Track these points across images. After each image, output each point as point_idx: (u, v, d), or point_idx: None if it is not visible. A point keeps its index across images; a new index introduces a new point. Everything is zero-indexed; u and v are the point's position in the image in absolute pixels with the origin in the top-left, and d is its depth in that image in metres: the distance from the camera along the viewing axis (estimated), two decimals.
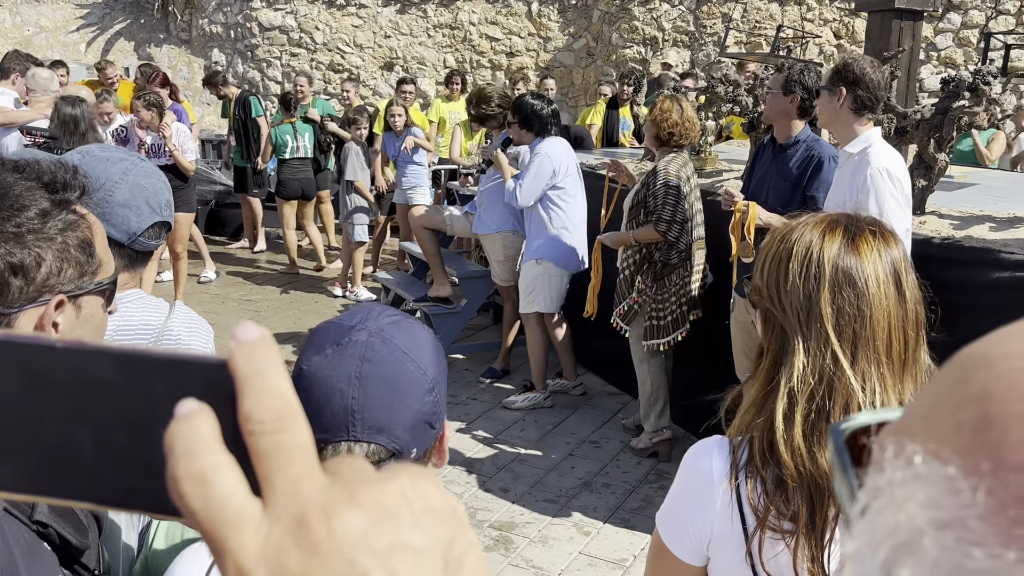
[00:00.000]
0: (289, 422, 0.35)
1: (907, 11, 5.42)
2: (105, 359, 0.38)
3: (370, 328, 1.03)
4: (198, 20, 12.89)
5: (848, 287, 1.21)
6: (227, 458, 0.35)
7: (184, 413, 0.35)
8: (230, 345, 0.36)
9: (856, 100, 3.16)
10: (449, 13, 12.05)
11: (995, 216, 3.98)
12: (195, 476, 0.34)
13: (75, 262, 1.07)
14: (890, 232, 1.27)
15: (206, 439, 0.35)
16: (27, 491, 0.38)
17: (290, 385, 0.36)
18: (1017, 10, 9.63)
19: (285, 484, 0.34)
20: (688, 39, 10.99)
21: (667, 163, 4.41)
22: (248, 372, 0.35)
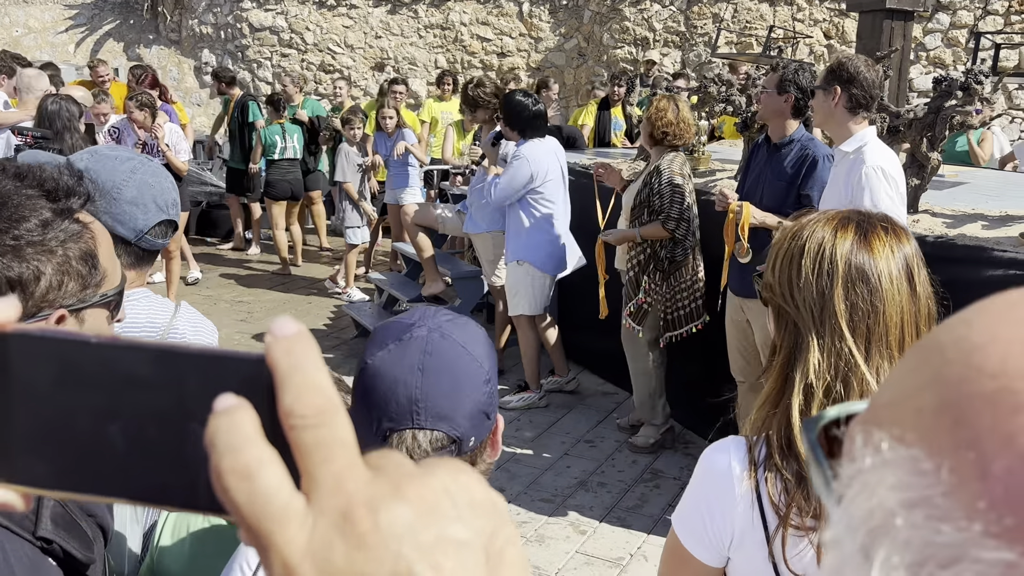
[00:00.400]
0: (331, 416, 0.35)
1: (898, 11, 5.45)
2: (139, 354, 0.38)
3: (429, 325, 1.11)
4: (188, 21, 12.84)
5: (861, 283, 1.21)
6: (271, 453, 0.34)
7: (224, 408, 0.35)
8: (267, 340, 0.36)
9: (851, 99, 3.18)
10: (440, 13, 12.05)
11: (987, 215, 4.01)
12: (240, 471, 0.34)
13: (77, 275, 1.03)
14: (902, 228, 1.27)
15: (248, 433, 0.34)
16: (61, 488, 0.38)
17: (330, 380, 0.36)
18: (1005, 10, 9.69)
19: (329, 478, 0.34)
20: (679, 39, 11.01)
21: (670, 162, 4.44)
22: (287, 367, 0.35)
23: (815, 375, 1.20)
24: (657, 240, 4.45)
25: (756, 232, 3.80)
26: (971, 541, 0.31)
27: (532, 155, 5.01)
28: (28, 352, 0.38)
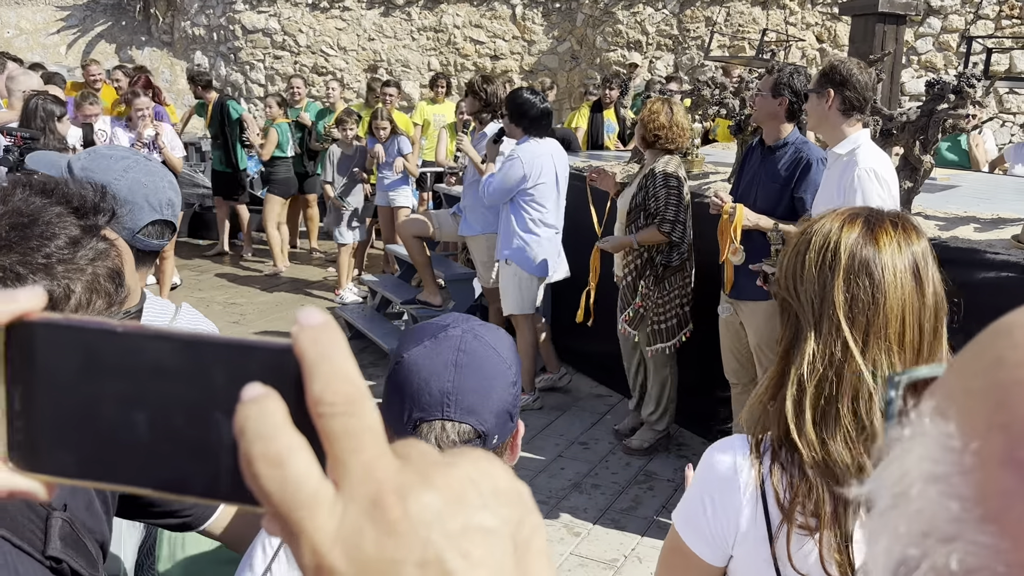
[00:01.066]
0: (359, 405, 0.35)
1: (890, 15, 5.48)
2: (166, 343, 0.38)
3: (463, 327, 1.17)
4: (180, 22, 12.81)
5: (864, 275, 1.21)
6: (300, 440, 0.35)
7: (253, 396, 0.35)
8: (293, 330, 0.36)
9: (844, 101, 3.19)
10: (433, 16, 12.05)
11: (979, 217, 4.03)
12: (271, 457, 0.34)
13: (104, 293, 1.03)
14: (913, 226, 1.27)
15: (278, 421, 0.35)
16: (85, 477, 0.38)
17: (357, 369, 0.36)
18: (996, 15, 9.75)
19: (358, 466, 0.34)
20: (672, 43, 11.05)
21: (664, 165, 4.43)
22: (316, 356, 0.35)
23: (809, 365, 1.20)
24: (654, 245, 4.46)
25: (749, 234, 3.81)
26: (970, 524, 0.31)
27: (527, 155, 4.98)
28: (53, 341, 0.38)
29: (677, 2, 10.94)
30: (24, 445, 0.38)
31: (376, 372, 5.96)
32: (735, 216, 3.79)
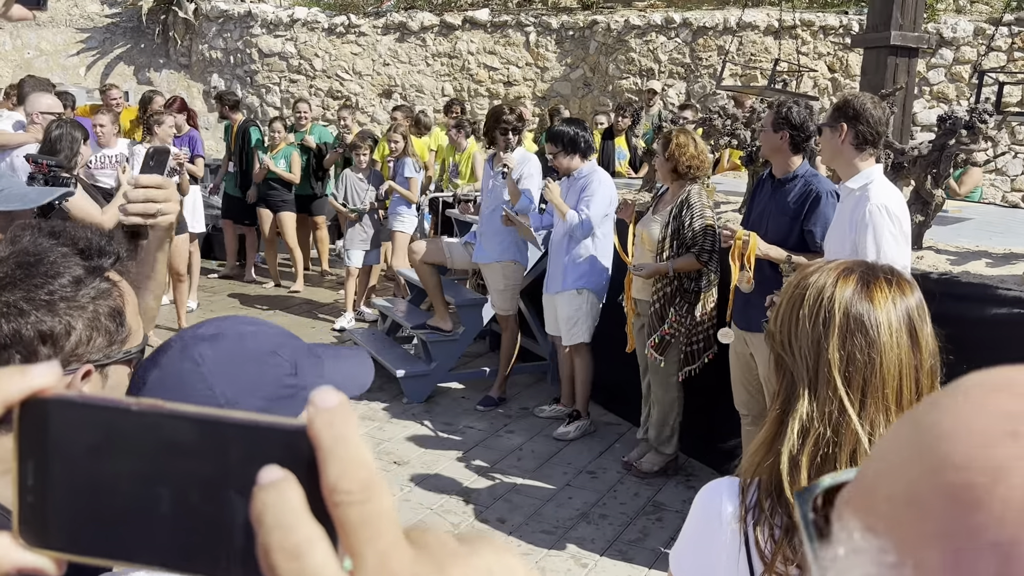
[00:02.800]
0: (376, 492, 0.35)
1: (902, 48, 5.50)
2: (181, 422, 0.38)
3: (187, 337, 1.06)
4: (198, 45, 12.97)
5: (859, 334, 1.20)
6: (319, 531, 0.34)
7: (270, 481, 0.35)
8: (308, 411, 0.36)
9: (857, 136, 3.20)
10: (448, 42, 12.17)
11: (991, 252, 4.02)
12: (290, 550, 0.33)
13: (105, 331, 1.06)
14: (907, 281, 1.27)
15: (297, 510, 0.34)
16: (95, 554, 0.38)
17: (371, 454, 0.36)
18: (1009, 47, 9.77)
19: (375, 557, 0.34)
20: (684, 71, 11.10)
21: (698, 196, 4.51)
22: (331, 440, 0.35)
23: (805, 424, 1.20)
24: (685, 273, 4.49)
25: (760, 265, 3.81)
26: None
27: (607, 177, 5.11)
28: (67, 418, 0.38)
29: (690, 31, 11.01)
30: (35, 520, 0.38)
31: (384, 396, 5.97)
32: (749, 243, 3.79)
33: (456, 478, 4.77)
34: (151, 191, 1.46)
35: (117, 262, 1.11)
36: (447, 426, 5.52)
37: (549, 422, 5.55)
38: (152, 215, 1.47)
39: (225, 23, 12.75)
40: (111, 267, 1.10)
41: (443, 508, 4.42)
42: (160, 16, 12.97)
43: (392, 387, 6.07)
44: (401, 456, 5.04)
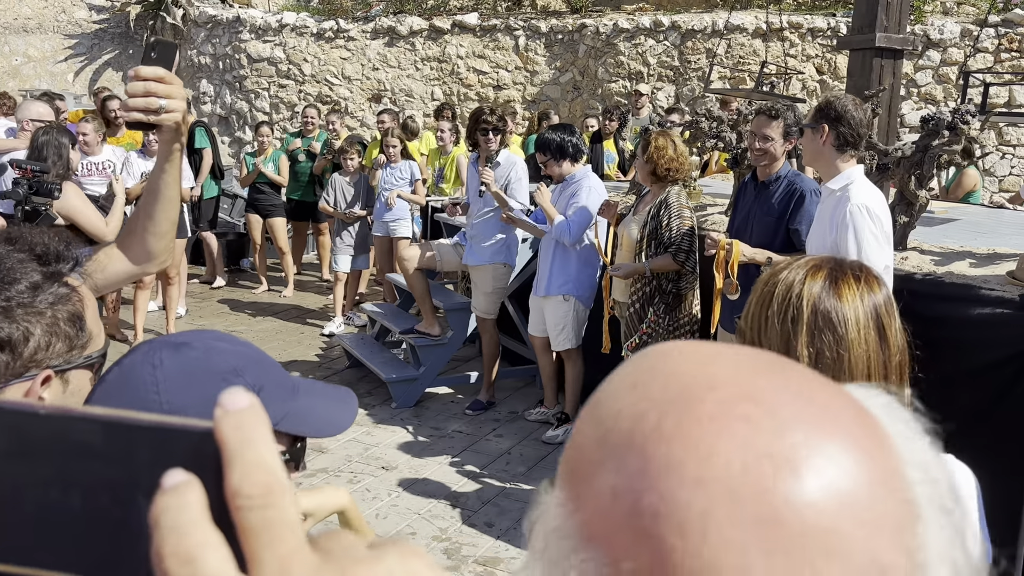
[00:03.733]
0: (278, 497, 0.34)
1: (887, 49, 5.51)
2: (89, 424, 0.37)
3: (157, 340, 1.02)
4: (187, 51, 12.94)
5: (828, 331, 1.20)
6: (215, 536, 0.33)
7: (171, 485, 0.34)
8: (216, 413, 0.35)
9: (839, 137, 3.20)
10: (437, 46, 12.17)
11: (975, 252, 4.03)
12: (182, 555, 0.33)
13: (64, 336, 1.06)
14: (876, 277, 1.27)
15: (194, 515, 0.33)
16: (11, 562, 0.38)
17: (279, 458, 0.35)
18: (995, 48, 9.81)
19: (274, 562, 0.33)
20: (672, 74, 11.12)
21: (677, 196, 4.51)
22: (236, 443, 0.34)
23: None
24: (663, 273, 4.49)
25: (746, 269, 3.82)
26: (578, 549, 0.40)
27: (598, 184, 5.11)
28: None
29: (678, 34, 11.03)
30: None
31: (372, 401, 5.95)
32: (732, 251, 3.80)
33: (444, 482, 4.75)
34: (151, 84, 1.34)
35: (76, 267, 1.10)
36: (436, 430, 5.51)
37: (538, 426, 5.55)
38: (155, 111, 1.35)
39: (213, 28, 12.74)
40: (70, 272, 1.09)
41: (431, 513, 4.41)
42: (148, 22, 12.94)
43: (381, 392, 6.06)
44: (389, 461, 5.02)
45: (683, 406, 0.39)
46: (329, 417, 1.09)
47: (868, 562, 0.36)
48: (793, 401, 0.39)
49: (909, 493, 0.39)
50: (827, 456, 0.38)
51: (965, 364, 3.33)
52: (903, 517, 0.38)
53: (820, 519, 0.36)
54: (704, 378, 0.41)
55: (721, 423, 0.38)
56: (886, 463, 0.39)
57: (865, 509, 0.37)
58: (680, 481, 0.37)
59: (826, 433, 0.38)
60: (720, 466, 0.37)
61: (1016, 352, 3.21)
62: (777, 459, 0.37)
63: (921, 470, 0.41)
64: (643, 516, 0.37)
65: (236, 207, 10.23)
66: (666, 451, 0.38)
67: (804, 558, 0.35)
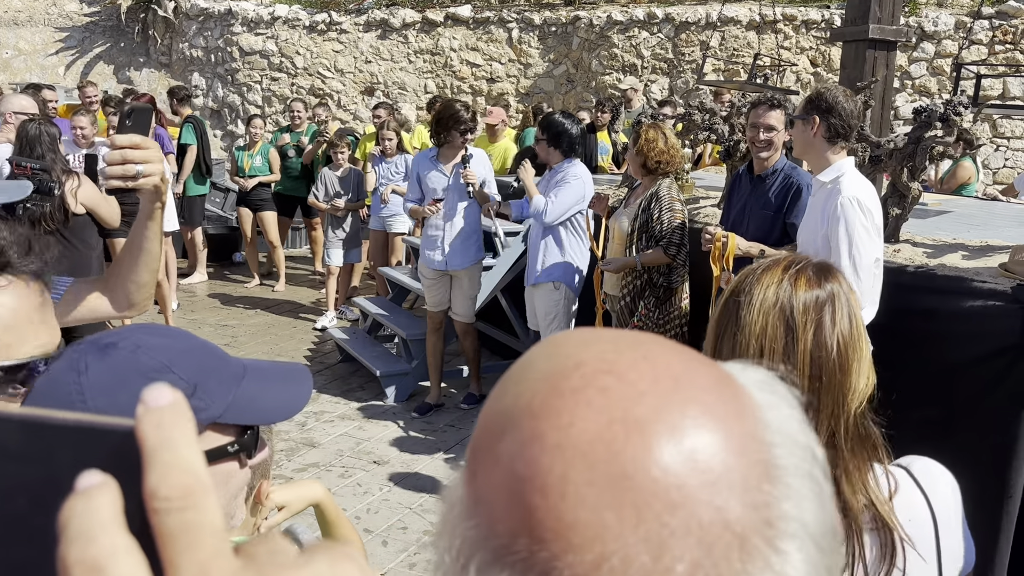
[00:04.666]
0: (198, 499, 0.32)
1: (881, 41, 5.49)
2: (4, 424, 0.35)
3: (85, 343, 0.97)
4: (178, 44, 12.88)
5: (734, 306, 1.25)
6: (126, 541, 0.32)
7: (83, 487, 0.32)
8: (137, 411, 0.34)
9: (829, 128, 3.18)
10: (430, 39, 12.11)
11: (968, 245, 4.02)
12: (88, 562, 0.31)
13: None
14: (832, 276, 1.26)
15: (103, 519, 0.31)
16: None
17: (201, 458, 0.33)
18: (989, 40, 9.79)
19: (192, 568, 0.32)
20: (667, 66, 11.09)
21: (668, 189, 4.47)
22: (155, 443, 0.33)
23: None
24: (654, 267, 4.46)
25: (742, 262, 3.79)
26: (465, 516, 0.42)
27: (586, 175, 5.05)
28: None
29: (672, 26, 10.99)
30: None
31: (364, 395, 5.93)
32: (728, 245, 3.77)
33: (436, 477, 4.74)
34: (128, 151, 1.37)
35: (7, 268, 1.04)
36: (428, 425, 5.49)
37: None
38: (132, 176, 1.38)
39: (205, 21, 12.67)
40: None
41: (422, 508, 4.39)
42: (140, 15, 12.87)
43: (373, 386, 6.04)
44: (381, 456, 5.00)
45: (552, 383, 0.43)
46: (279, 401, 1.04)
47: (713, 515, 0.39)
48: (650, 372, 0.42)
49: (764, 455, 0.41)
50: (676, 420, 0.40)
51: (957, 356, 3.32)
52: (754, 476, 0.40)
53: (667, 476, 0.39)
54: (576, 358, 0.44)
55: (581, 395, 0.41)
56: (740, 427, 0.42)
57: (711, 467, 0.40)
58: (542, 448, 0.40)
59: (678, 399, 0.41)
60: (577, 433, 0.40)
61: (1008, 345, 3.20)
62: (628, 423, 0.40)
63: (782, 435, 0.43)
64: (513, 480, 0.40)
65: (228, 201, 10.20)
66: (533, 424, 0.41)
67: (652, 512, 0.38)
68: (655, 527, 0.38)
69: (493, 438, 0.43)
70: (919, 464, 1.30)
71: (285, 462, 4.86)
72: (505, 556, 0.39)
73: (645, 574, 0.37)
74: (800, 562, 0.40)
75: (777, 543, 0.39)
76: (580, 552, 0.38)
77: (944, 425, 3.21)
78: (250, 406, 0.99)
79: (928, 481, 1.27)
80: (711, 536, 0.38)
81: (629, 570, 0.37)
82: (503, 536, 0.40)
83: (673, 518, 0.38)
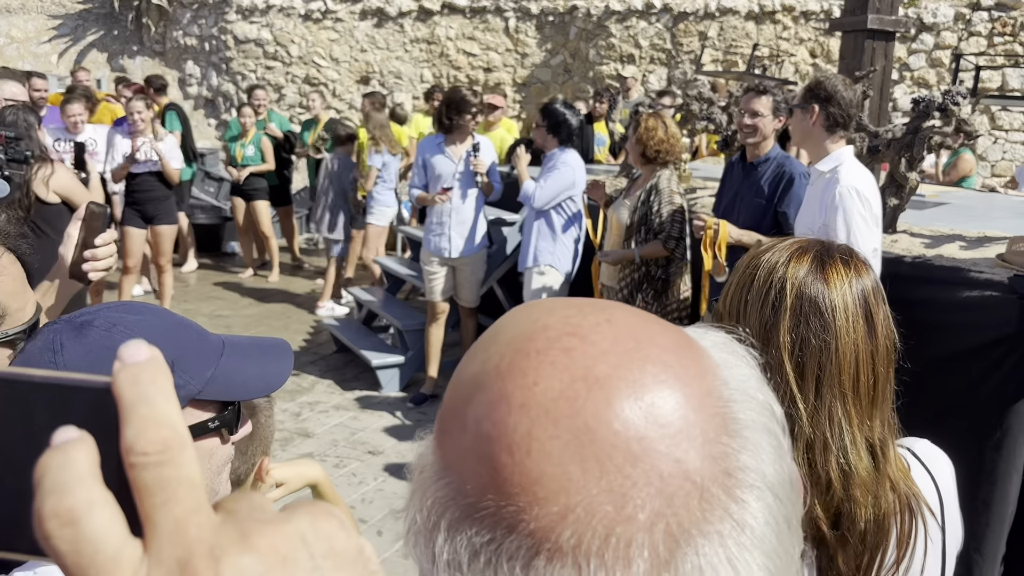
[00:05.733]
0: (176, 454, 0.32)
1: (879, 31, 5.46)
2: None
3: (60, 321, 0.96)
4: (172, 32, 12.79)
5: (814, 317, 1.14)
6: (103, 494, 0.31)
7: (59, 442, 0.32)
8: (114, 367, 0.33)
9: (829, 118, 3.15)
10: (426, 28, 12.04)
11: (965, 235, 4.00)
12: (63, 515, 0.30)
13: None
14: (863, 262, 1.21)
15: (79, 472, 0.31)
16: None
17: (179, 413, 0.33)
18: (988, 32, 9.76)
19: (169, 523, 0.31)
20: (665, 57, 11.04)
21: (668, 181, 4.45)
22: (132, 398, 0.32)
23: None
24: (653, 259, 4.44)
25: (734, 250, 3.77)
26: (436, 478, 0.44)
27: (576, 162, 5.11)
28: None
29: (670, 16, 10.94)
30: None
31: (359, 386, 5.91)
32: (719, 233, 3.75)
33: None
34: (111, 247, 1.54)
35: None
36: (423, 415, 5.47)
37: None
38: (106, 269, 1.57)
39: (200, 9, 12.58)
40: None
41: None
42: (133, 2, 12.77)
43: (368, 376, 6.01)
44: (376, 446, 4.98)
45: (518, 346, 0.44)
46: (259, 376, 1.03)
47: (673, 466, 0.40)
48: (612, 333, 0.44)
49: (722, 410, 0.43)
50: (636, 376, 0.42)
51: (954, 346, 3.30)
52: (712, 429, 0.42)
53: (627, 430, 0.40)
54: (542, 323, 0.45)
55: (545, 356, 0.43)
56: (699, 384, 0.43)
57: (671, 421, 0.41)
58: (508, 408, 0.41)
59: (639, 357, 0.43)
60: (541, 391, 0.41)
61: (1004, 335, 3.18)
62: (589, 381, 0.41)
63: (741, 392, 0.44)
64: (481, 441, 0.42)
65: (222, 190, 10.14)
66: (500, 385, 0.43)
67: (614, 464, 0.39)
68: (617, 478, 0.39)
69: (462, 402, 0.44)
70: (921, 445, 1.28)
71: (280, 452, 4.83)
72: (474, 513, 0.41)
73: (609, 523, 0.38)
74: (759, 511, 0.41)
75: (736, 492, 0.41)
76: (546, 504, 0.39)
77: (940, 413, 3.20)
78: (230, 381, 0.98)
79: (932, 461, 1.26)
80: (671, 487, 0.39)
81: (593, 520, 0.39)
82: (472, 495, 0.41)
83: (635, 469, 0.39)
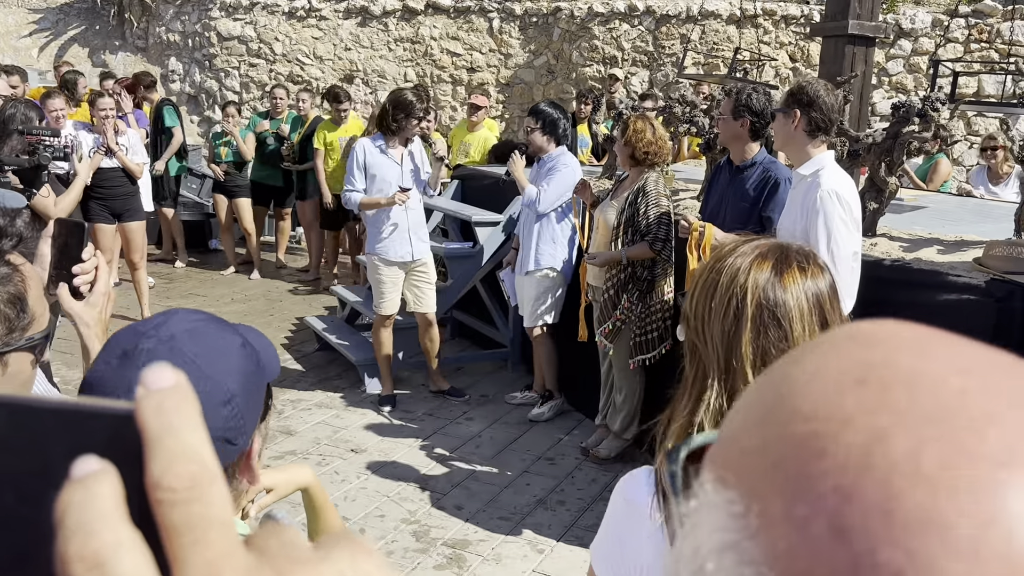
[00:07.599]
0: (204, 490, 0.30)
1: (859, 37, 5.54)
2: None
3: (160, 335, 0.98)
4: (155, 28, 12.71)
5: (773, 327, 1.16)
6: (130, 534, 0.29)
7: (81, 476, 0.30)
8: (138, 393, 0.31)
9: (810, 122, 3.21)
10: (410, 27, 12.05)
11: (943, 239, 4.07)
12: (88, 558, 0.28)
13: (3, 318, 1.01)
14: (819, 265, 1.22)
15: (104, 510, 0.29)
16: None
17: (207, 444, 0.31)
18: (965, 38, 9.90)
19: (201, 566, 0.29)
20: (647, 59, 11.11)
21: (655, 183, 4.50)
22: (158, 428, 0.30)
23: (712, 418, 1.15)
24: (639, 260, 4.49)
25: None
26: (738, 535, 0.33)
27: (575, 164, 5.16)
28: None
29: (653, 19, 11.01)
30: None
31: (342, 384, 5.91)
32: (704, 235, 3.80)
33: (414, 465, 4.74)
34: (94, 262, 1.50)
35: (19, 244, 1.06)
36: (406, 413, 5.48)
37: (509, 409, 5.54)
38: None
39: (183, 5, 12.51)
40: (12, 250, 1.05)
41: (400, 496, 4.39)
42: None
43: (351, 375, 6.02)
44: (358, 444, 4.99)
45: (950, 437, 0.31)
46: None
47: None
48: None
49: None
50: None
51: None
52: None
53: None
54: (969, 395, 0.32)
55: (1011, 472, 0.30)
56: None
57: None
58: (943, 546, 0.29)
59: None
60: (1002, 538, 0.29)
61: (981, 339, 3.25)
62: None
63: None
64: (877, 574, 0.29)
65: (204, 187, 10.09)
66: (926, 499, 0.30)
67: None
68: None
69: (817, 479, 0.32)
70: None
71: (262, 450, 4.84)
72: None
73: None
74: None
75: None
76: None
77: None
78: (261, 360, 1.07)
79: None
80: None
81: None
82: None
83: None
